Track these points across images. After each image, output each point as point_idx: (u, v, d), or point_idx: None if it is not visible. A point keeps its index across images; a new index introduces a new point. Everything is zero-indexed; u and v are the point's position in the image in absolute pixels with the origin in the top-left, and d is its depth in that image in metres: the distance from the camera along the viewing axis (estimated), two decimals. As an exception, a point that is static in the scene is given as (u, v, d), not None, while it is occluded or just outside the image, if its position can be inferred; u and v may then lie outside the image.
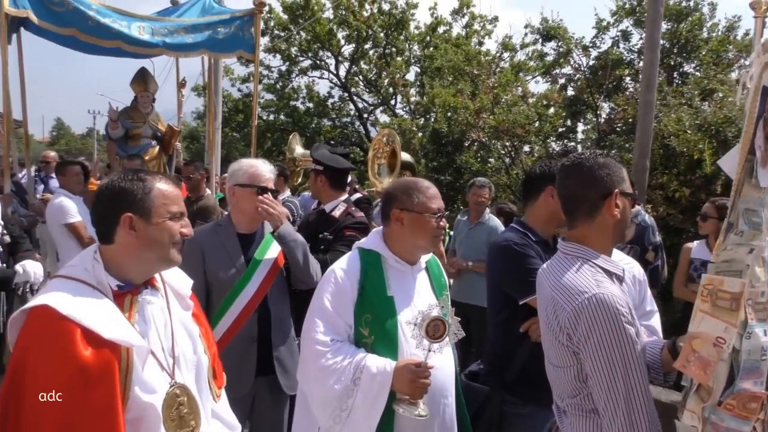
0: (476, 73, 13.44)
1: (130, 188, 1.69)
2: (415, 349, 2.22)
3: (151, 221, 1.69)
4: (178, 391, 1.72)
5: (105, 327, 1.55)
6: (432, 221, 2.33)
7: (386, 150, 6.34)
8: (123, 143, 6.31)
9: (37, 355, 1.53)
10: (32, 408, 1.49)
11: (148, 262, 1.74)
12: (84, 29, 5.54)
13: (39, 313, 1.55)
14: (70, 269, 1.68)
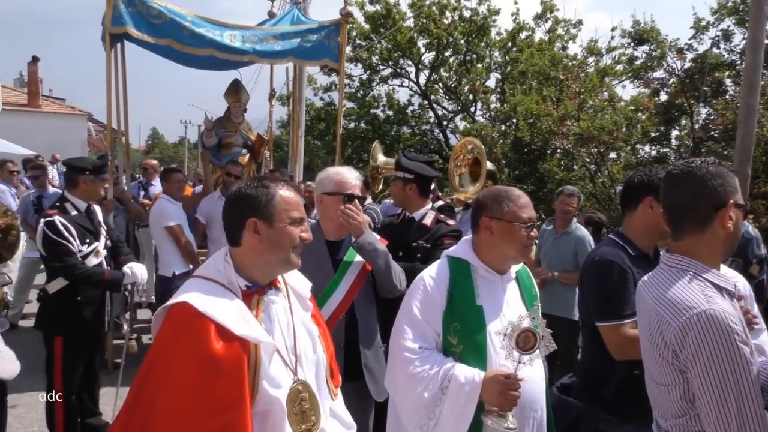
0: (562, 78, 13.07)
1: (255, 195, 1.81)
2: (505, 360, 2.18)
3: (273, 226, 1.80)
4: (300, 387, 1.80)
5: (236, 324, 1.67)
6: (522, 231, 2.28)
7: (468, 158, 6.27)
8: (216, 152, 6.59)
9: (174, 347, 1.66)
10: (167, 395, 1.62)
11: (270, 264, 1.84)
12: (180, 39, 5.82)
13: (179, 309, 1.69)
14: (205, 270, 1.83)
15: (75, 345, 3.93)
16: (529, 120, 12.16)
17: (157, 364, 1.68)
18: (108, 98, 5.89)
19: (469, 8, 20.53)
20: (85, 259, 3.92)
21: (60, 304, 3.92)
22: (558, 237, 5.37)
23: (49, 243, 3.83)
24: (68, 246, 3.83)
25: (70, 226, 3.87)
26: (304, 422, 1.79)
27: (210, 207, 5.95)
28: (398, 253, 3.48)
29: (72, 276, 3.87)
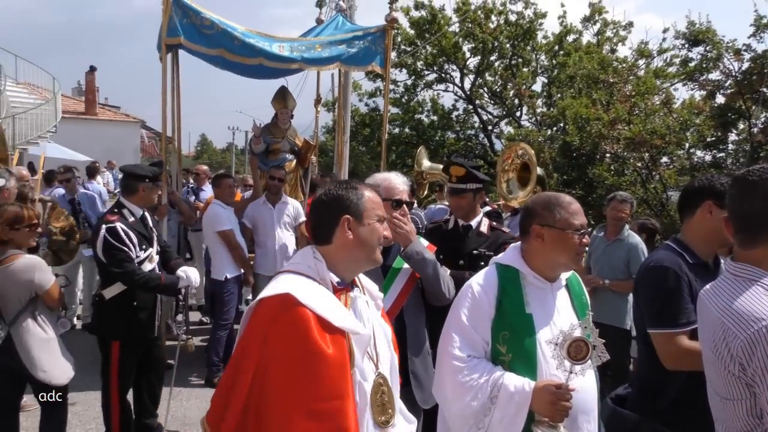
0: (612, 82, 12.75)
1: (346, 195, 1.94)
2: (555, 369, 2.13)
3: (363, 222, 1.92)
4: (381, 380, 1.92)
5: (334, 316, 1.76)
6: (574, 238, 2.23)
7: (517, 163, 6.19)
8: (264, 157, 6.71)
9: (278, 335, 1.73)
10: (276, 381, 1.70)
11: (358, 260, 1.96)
12: (230, 49, 5.97)
13: (281, 300, 1.76)
14: (295, 266, 1.91)
15: (130, 349, 4.01)
16: (578, 124, 11.90)
17: (261, 353, 1.73)
18: (163, 107, 6.07)
19: (515, 12, 20.34)
20: (140, 264, 3.99)
21: (116, 309, 3.99)
22: (609, 244, 5.23)
23: (110, 249, 3.89)
24: (128, 252, 3.89)
25: (130, 232, 3.94)
26: (383, 414, 1.89)
27: (255, 212, 6.06)
28: (459, 262, 3.48)
29: (131, 282, 3.92)
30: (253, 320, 1.82)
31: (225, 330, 5.61)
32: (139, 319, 4.03)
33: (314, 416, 1.69)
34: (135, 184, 4.13)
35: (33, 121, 18.83)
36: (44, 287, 3.34)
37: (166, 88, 6.11)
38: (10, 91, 19.25)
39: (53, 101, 20.35)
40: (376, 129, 20.79)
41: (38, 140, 18.67)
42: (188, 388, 5.35)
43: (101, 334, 4.06)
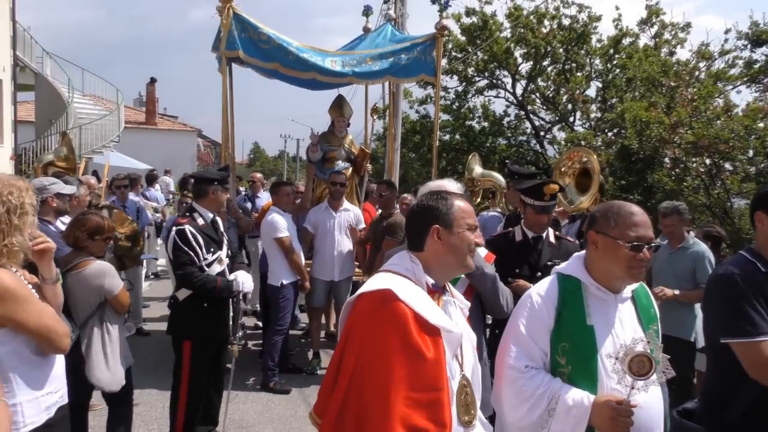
0: (673, 85, 12.33)
1: (436, 205, 2.02)
2: (617, 384, 2.08)
3: (453, 231, 1.99)
4: (465, 382, 1.98)
5: (431, 314, 1.85)
6: (625, 250, 2.14)
7: (576, 168, 6.06)
8: (320, 165, 6.82)
9: (377, 330, 1.83)
10: (376, 372, 1.78)
11: (450, 266, 2.03)
12: (285, 63, 6.18)
13: (381, 295, 1.86)
14: (393, 266, 2.01)
15: (201, 350, 4.14)
16: (637, 127, 11.55)
17: (361, 345, 1.85)
18: (224, 116, 6.26)
19: (568, 16, 19.98)
20: (209, 266, 4.13)
21: (188, 309, 4.16)
22: (673, 253, 5.05)
23: (176, 250, 4.08)
24: (191, 256, 4.05)
25: (198, 235, 4.09)
26: (467, 414, 1.95)
27: (317, 217, 6.16)
28: (537, 274, 3.47)
29: (190, 283, 4.10)
30: (353, 314, 1.93)
31: (280, 335, 5.71)
32: (210, 320, 4.16)
33: (413, 405, 1.76)
34: (205, 187, 4.29)
35: (98, 131, 19.70)
36: (113, 292, 3.49)
37: (226, 99, 6.30)
38: (77, 103, 20.20)
39: (117, 112, 21.24)
40: (427, 136, 20.76)
41: (102, 149, 19.51)
42: (245, 391, 5.47)
43: (174, 334, 4.22)
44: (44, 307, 2.18)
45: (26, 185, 2.22)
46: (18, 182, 2.20)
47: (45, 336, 2.13)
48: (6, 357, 2.04)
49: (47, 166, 7.20)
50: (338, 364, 1.90)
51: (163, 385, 5.33)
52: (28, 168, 15.35)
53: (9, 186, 2.12)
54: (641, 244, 2.14)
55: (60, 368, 2.29)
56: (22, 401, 2.09)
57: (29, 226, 2.16)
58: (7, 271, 2.07)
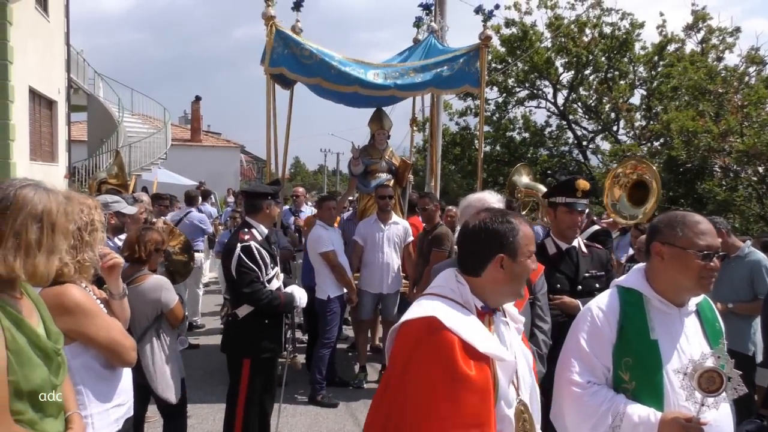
0: (721, 92, 11.99)
1: (503, 231, 1.88)
2: (685, 401, 2.00)
3: (516, 260, 1.87)
4: (522, 407, 1.87)
5: (479, 341, 1.74)
6: (696, 259, 2.08)
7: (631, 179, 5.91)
8: (363, 178, 6.85)
9: (422, 359, 1.73)
10: (417, 405, 1.69)
11: (504, 294, 1.91)
12: (328, 77, 6.23)
13: (425, 323, 1.76)
14: (438, 289, 1.91)
15: (260, 367, 4.09)
16: (684, 137, 11.25)
17: (403, 376, 1.75)
18: (267, 132, 6.36)
19: (610, 24, 19.72)
20: (269, 282, 4.09)
21: (249, 327, 4.07)
22: (728, 262, 4.87)
23: (242, 267, 3.96)
24: (257, 273, 3.99)
25: (263, 250, 4.04)
26: None
27: (367, 230, 6.18)
28: (577, 288, 3.39)
29: (258, 302, 4.00)
30: (397, 342, 1.85)
31: (328, 348, 5.73)
32: (270, 336, 4.11)
33: None
34: (259, 202, 4.20)
35: (146, 149, 20.31)
36: (169, 306, 3.57)
37: (270, 115, 6.42)
38: (126, 122, 20.90)
39: (164, 130, 21.89)
40: (467, 148, 20.72)
41: (150, 166, 20.08)
42: (294, 404, 5.49)
43: (233, 352, 4.12)
44: (112, 322, 2.25)
45: (95, 203, 2.30)
46: (88, 200, 2.28)
47: (113, 349, 2.19)
48: (77, 370, 2.11)
49: (101, 184, 7.45)
50: (381, 396, 1.83)
51: (213, 398, 5.42)
52: (81, 186, 15.92)
53: (80, 204, 2.21)
54: (711, 252, 2.09)
55: (127, 381, 2.36)
56: (92, 413, 2.16)
57: (99, 242, 2.23)
58: (77, 286, 2.15)
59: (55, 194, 1.74)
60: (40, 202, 1.68)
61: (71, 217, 1.78)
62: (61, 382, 1.84)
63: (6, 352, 1.63)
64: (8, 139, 12.51)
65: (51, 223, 1.69)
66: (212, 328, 8.19)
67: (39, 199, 1.68)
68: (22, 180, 1.73)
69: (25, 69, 13.21)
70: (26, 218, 1.64)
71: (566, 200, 3.45)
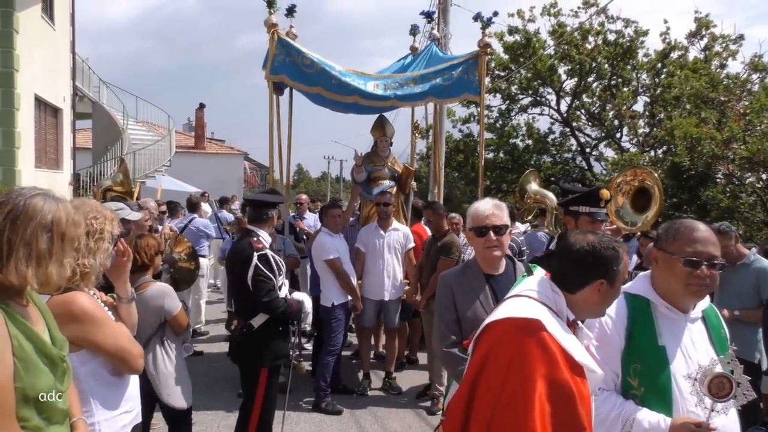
0: (723, 100, 11.99)
1: (611, 257, 1.92)
2: (694, 407, 2.01)
3: (614, 286, 1.94)
4: None
5: (575, 350, 1.79)
6: (680, 265, 2.09)
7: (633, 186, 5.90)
8: (366, 186, 6.86)
9: (526, 361, 1.74)
10: (515, 418, 1.70)
11: (593, 312, 2.00)
12: (328, 87, 6.27)
13: (529, 324, 1.80)
14: (536, 294, 1.95)
15: (275, 375, 4.08)
16: (687, 144, 11.25)
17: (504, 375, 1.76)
18: (270, 139, 6.38)
19: (614, 31, 19.75)
20: (279, 290, 4.08)
21: (265, 336, 4.03)
22: (733, 270, 4.85)
23: (260, 278, 3.94)
24: (273, 282, 3.98)
25: (278, 259, 4.05)
26: None
27: (368, 236, 6.18)
28: None
29: (274, 310, 3.99)
30: (491, 338, 1.86)
31: (333, 356, 5.72)
32: (283, 344, 4.10)
33: None
34: (268, 212, 4.19)
35: (151, 156, 20.36)
36: (172, 313, 3.56)
37: (273, 122, 6.43)
38: (131, 129, 20.97)
39: (168, 137, 21.95)
40: (470, 155, 20.73)
41: (155, 173, 20.13)
42: (298, 411, 5.48)
43: (251, 363, 4.06)
44: (120, 329, 2.25)
45: (112, 216, 2.30)
46: (106, 211, 2.29)
47: (121, 357, 2.20)
48: (85, 378, 2.11)
49: (106, 191, 7.47)
50: (471, 391, 1.83)
51: (218, 405, 5.42)
52: (86, 193, 15.97)
53: (95, 211, 2.22)
54: (697, 260, 2.09)
55: (134, 388, 2.36)
56: (99, 420, 2.16)
57: (102, 252, 2.23)
58: (85, 294, 2.16)
59: (64, 203, 1.75)
60: (49, 211, 1.68)
61: (81, 226, 1.79)
62: (66, 388, 1.85)
63: (13, 358, 1.63)
64: (14, 146, 12.57)
65: (60, 233, 1.69)
66: (216, 336, 8.19)
67: (48, 209, 1.68)
68: (31, 189, 1.74)
69: (30, 77, 13.29)
70: (36, 228, 1.64)
71: (590, 210, 3.50)
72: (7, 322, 1.64)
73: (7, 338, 1.63)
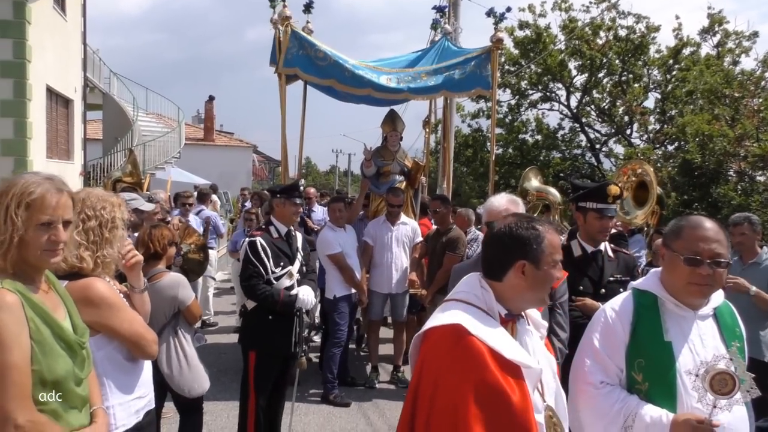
0: (737, 96, 11.90)
1: (527, 237, 1.84)
2: (697, 403, 2.01)
3: (539, 268, 1.83)
4: (550, 413, 1.85)
5: (505, 348, 1.72)
6: (681, 264, 2.07)
7: (633, 181, 5.94)
8: (375, 180, 6.88)
9: (453, 370, 1.71)
10: (450, 421, 1.67)
11: (526, 300, 1.88)
12: (341, 80, 6.30)
13: (452, 330, 1.75)
14: (462, 294, 1.89)
15: (265, 360, 4.19)
16: (699, 141, 11.19)
17: (430, 387, 1.74)
18: (283, 132, 6.41)
19: (625, 27, 19.63)
20: (278, 279, 4.19)
21: (255, 320, 4.24)
22: (745, 268, 4.83)
23: (246, 262, 4.19)
24: (258, 268, 4.13)
25: (267, 247, 4.17)
26: None
27: (376, 229, 6.21)
28: (600, 291, 3.40)
29: (253, 296, 4.19)
30: (424, 349, 1.83)
31: (338, 348, 5.76)
32: (274, 333, 4.18)
33: None
34: (271, 200, 4.42)
35: (160, 148, 20.45)
36: (186, 303, 3.62)
37: (284, 115, 6.46)
38: (141, 121, 21.07)
39: (178, 129, 22.05)
40: (479, 150, 20.72)
41: (164, 165, 20.24)
42: (306, 403, 5.53)
43: (242, 343, 4.32)
44: (135, 315, 2.31)
45: (119, 201, 2.36)
46: (111, 198, 2.34)
47: (136, 341, 2.25)
48: (101, 362, 2.17)
49: (116, 182, 7.53)
50: (413, 403, 1.80)
51: (227, 395, 5.48)
52: (96, 183, 16.09)
53: (102, 201, 2.26)
54: (699, 258, 2.06)
55: (148, 374, 2.41)
56: (114, 404, 2.21)
57: (119, 239, 2.28)
58: (102, 280, 2.22)
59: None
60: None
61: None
62: (86, 376, 1.89)
63: (30, 341, 1.68)
64: (26, 137, 12.68)
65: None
66: (225, 326, 8.26)
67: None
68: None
69: (42, 68, 13.39)
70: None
71: (597, 206, 3.48)
72: (24, 305, 1.69)
73: (23, 321, 1.68)
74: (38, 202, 1.74)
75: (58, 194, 1.79)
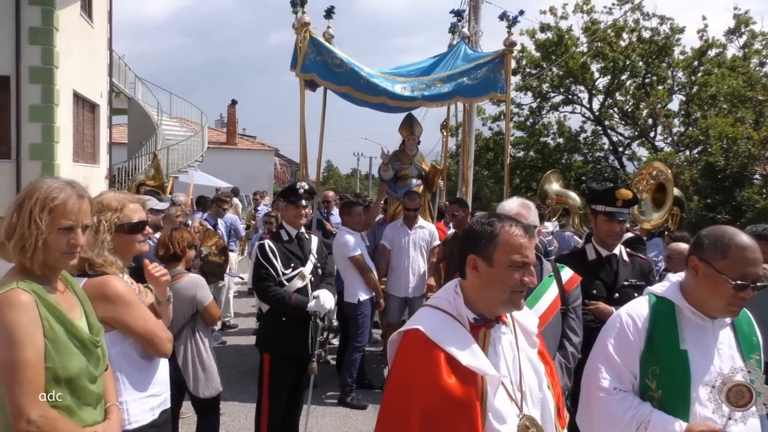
0: (761, 99, 11.69)
1: (479, 231, 1.84)
2: (712, 413, 1.98)
3: (492, 265, 1.80)
4: (527, 423, 1.80)
5: (463, 354, 1.73)
6: (729, 287, 2.01)
7: (651, 184, 5.87)
8: (393, 184, 6.89)
9: (407, 374, 1.78)
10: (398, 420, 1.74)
11: (492, 301, 1.84)
12: (357, 87, 6.39)
13: (411, 335, 1.81)
14: (436, 300, 1.92)
15: (280, 363, 4.21)
16: (723, 144, 11.01)
17: (394, 390, 1.81)
18: (301, 136, 6.47)
19: (649, 28, 19.40)
20: (289, 281, 4.21)
21: (269, 323, 4.30)
22: None
23: (256, 265, 4.28)
24: (268, 270, 4.17)
25: (276, 250, 4.21)
26: None
27: (394, 233, 6.23)
28: (614, 296, 3.37)
29: (265, 298, 4.23)
30: (394, 355, 1.88)
31: (359, 352, 5.78)
32: (288, 335, 4.19)
33: None
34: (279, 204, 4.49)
35: (184, 152, 20.75)
36: (204, 304, 3.68)
37: (303, 119, 6.53)
38: (165, 125, 21.40)
39: (201, 133, 22.34)
40: (500, 153, 20.62)
41: (187, 169, 20.51)
42: (323, 406, 5.56)
43: (258, 346, 4.37)
44: (149, 313, 2.36)
45: (119, 205, 2.36)
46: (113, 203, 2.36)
47: (150, 339, 2.30)
48: (115, 358, 2.22)
49: (140, 186, 7.68)
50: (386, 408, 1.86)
51: (245, 396, 5.53)
52: (121, 186, 16.37)
53: (100, 205, 2.29)
54: (747, 284, 2.01)
55: (164, 373, 2.46)
56: (127, 400, 2.26)
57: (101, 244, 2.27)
58: (118, 278, 2.27)
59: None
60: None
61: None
62: (100, 374, 1.94)
63: (44, 339, 1.74)
64: (53, 141, 12.97)
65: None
66: (245, 329, 8.34)
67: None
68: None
69: (69, 73, 13.68)
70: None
71: (606, 209, 3.44)
72: (38, 304, 1.75)
73: (37, 320, 1.74)
74: (61, 207, 1.81)
75: (79, 200, 1.86)
